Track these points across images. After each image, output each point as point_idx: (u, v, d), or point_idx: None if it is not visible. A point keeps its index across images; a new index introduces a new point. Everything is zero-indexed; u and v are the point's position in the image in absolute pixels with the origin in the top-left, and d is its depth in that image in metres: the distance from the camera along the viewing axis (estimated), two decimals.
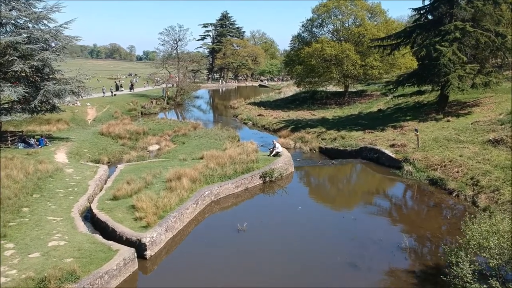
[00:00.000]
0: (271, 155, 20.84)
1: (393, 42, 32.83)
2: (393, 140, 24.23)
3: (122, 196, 14.93)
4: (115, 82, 79.42)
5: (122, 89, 63.28)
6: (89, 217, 14.59)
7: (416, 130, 21.70)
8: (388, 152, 21.65)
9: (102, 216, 13.44)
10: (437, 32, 28.91)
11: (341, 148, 25.66)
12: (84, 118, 37.68)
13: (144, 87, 69.87)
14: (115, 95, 54.02)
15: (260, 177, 18.30)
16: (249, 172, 18.04)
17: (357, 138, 27.13)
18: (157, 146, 28.11)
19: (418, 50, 28.78)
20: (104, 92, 53.10)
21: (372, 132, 28.22)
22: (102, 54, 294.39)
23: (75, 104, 40.24)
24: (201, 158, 21.88)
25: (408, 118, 31.31)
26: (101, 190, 17.35)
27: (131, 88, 64.74)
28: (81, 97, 27.64)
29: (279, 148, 21.01)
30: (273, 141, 21.47)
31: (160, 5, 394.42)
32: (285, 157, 20.34)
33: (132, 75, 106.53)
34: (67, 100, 26.37)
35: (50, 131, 30.56)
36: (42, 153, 23.10)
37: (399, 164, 20.55)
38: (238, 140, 31.43)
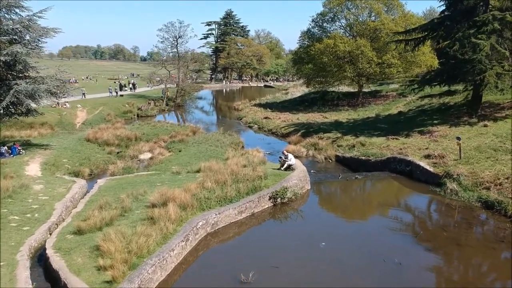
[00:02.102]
0: (282, 168, 17.14)
1: (418, 36, 28.99)
2: (426, 149, 20.41)
3: (88, 229, 11.30)
4: (115, 82, 76.53)
5: (126, 89, 61.22)
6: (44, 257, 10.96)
7: (458, 139, 17.88)
8: (424, 164, 17.85)
9: (56, 261, 9.82)
10: (471, 23, 25.07)
11: (363, 157, 21.90)
12: (73, 122, 34.23)
13: (147, 87, 66.65)
14: (122, 95, 51.87)
15: (270, 198, 14.60)
16: (255, 193, 14.35)
17: (380, 146, 23.35)
18: (149, 155, 24.50)
19: (450, 44, 24.92)
20: (110, 92, 51.77)
21: (396, 139, 24.42)
22: (106, 55, 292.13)
23: (64, 106, 36.85)
24: (198, 171, 18.29)
25: (435, 122, 27.45)
26: (70, 214, 13.77)
27: (132, 88, 62.20)
28: (83, 95, 24.05)
29: (291, 160, 17.31)
30: (284, 151, 17.76)
31: (164, 5, 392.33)
32: (300, 172, 16.61)
33: (135, 75, 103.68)
34: (44, 102, 22.76)
35: (31, 136, 27.09)
36: (12, 164, 19.61)
37: (439, 180, 16.76)
38: (243, 147, 27.81)
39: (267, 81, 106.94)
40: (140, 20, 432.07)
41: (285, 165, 17.15)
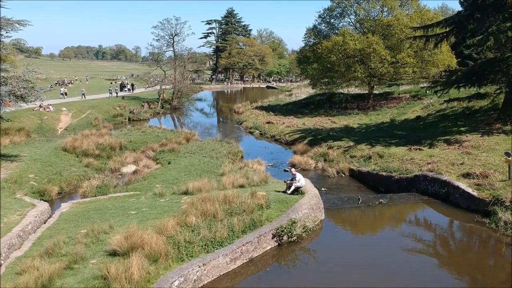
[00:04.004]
0: (289, 192, 13.74)
1: (441, 32, 25.52)
2: (461, 164, 16.93)
3: None
4: (111, 82, 73.53)
5: (126, 89, 59.17)
6: None
7: (508, 154, 14.39)
8: (465, 187, 14.37)
9: None
10: (507, 16, 21.61)
11: (383, 173, 18.45)
12: (54, 127, 30.91)
13: (146, 88, 63.53)
14: (123, 97, 49.52)
15: (273, 236, 11.19)
16: (255, 230, 10.94)
17: (402, 158, 19.91)
18: (133, 167, 21.15)
19: (483, 40, 21.45)
20: (110, 93, 50.24)
21: (420, 149, 20.98)
22: (108, 55, 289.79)
23: (47, 109, 33.59)
24: (185, 193, 14.98)
25: (462, 129, 23.98)
26: (8, 259, 10.44)
27: (130, 89, 59.80)
28: (83, 96, 20.68)
29: (300, 180, 13.90)
30: (292, 170, 14.31)
31: (166, 5, 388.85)
32: (311, 198, 13.17)
33: (134, 76, 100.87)
34: (4, 107, 19.47)
35: (1, 145, 23.78)
36: None
37: (486, 207, 13.31)
38: (242, 157, 24.47)
39: (269, 82, 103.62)
40: (142, 20, 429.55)
41: (292, 188, 13.74)
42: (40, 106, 33.88)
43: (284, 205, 12.52)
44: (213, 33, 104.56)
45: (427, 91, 36.32)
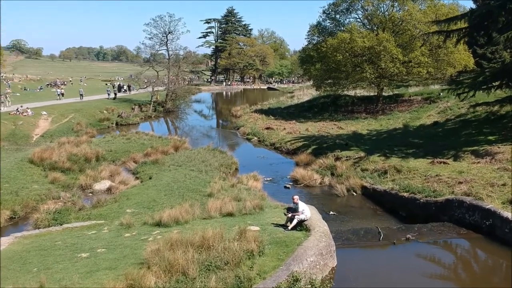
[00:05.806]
0: (290, 227, 10.57)
1: (464, 26, 22.33)
2: (503, 185, 13.65)
3: None
4: (106, 84, 70.62)
5: (123, 90, 56.95)
6: None
7: None
8: None
9: None
10: None
11: (404, 194, 15.23)
12: (29, 133, 27.75)
13: (137, 90, 60.56)
14: (114, 99, 47.24)
15: None
16: None
17: (425, 175, 16.62)
18: (107, 184, 17.99)
19: None
20: (109, 94, 48.24)
21: (445, 163, 17.74)
22: (109, 56, 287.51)
23: (24, 114, 30.50)
24: (158, 225, 11.88)
25: (490, 137, 20.79)
26: None
27: (126, 90, 57.33)
28: (81, 97, 17.53)
29: (304, 211, 10.72)
30: (295, 198, 11.10)
31: (168, 5, 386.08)
32: (319, 238, 9.93)
33: (132, 77, 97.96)
34: None
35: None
36: None
37: None
38: (236, 169, 21.36)
39: (270, 83, 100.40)
40: (143, 21, 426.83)
41: (295, 222, 10.56)
42: (17, 110, 30.88)
43: (283, 250, 9.32)
44: (212, 32, 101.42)
45: (441, 93, 33.47)
